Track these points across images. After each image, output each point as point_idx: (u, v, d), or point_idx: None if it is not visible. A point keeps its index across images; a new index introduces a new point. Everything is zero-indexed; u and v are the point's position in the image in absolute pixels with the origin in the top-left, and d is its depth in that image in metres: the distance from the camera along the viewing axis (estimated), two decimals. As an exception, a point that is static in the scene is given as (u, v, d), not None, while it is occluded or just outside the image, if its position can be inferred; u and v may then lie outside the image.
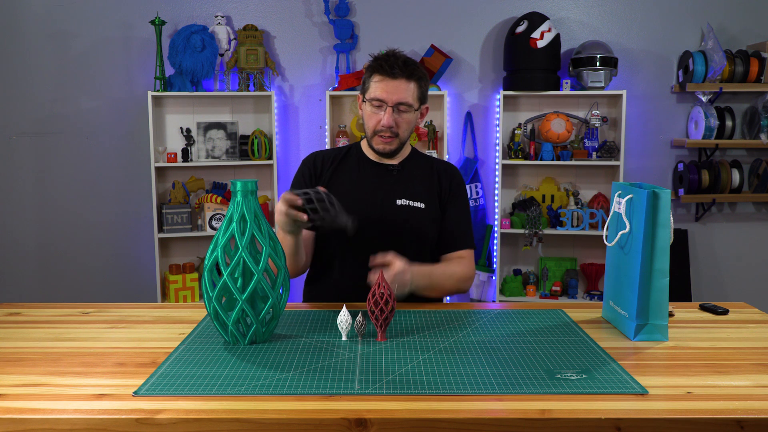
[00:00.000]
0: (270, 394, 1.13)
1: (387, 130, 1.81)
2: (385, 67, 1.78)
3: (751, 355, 1.33)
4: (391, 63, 1.78)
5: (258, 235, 1.37)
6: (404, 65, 1.78)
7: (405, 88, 1.78)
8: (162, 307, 1.71)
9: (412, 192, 1.87)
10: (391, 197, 1.86)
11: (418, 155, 1.97)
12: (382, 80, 1.79)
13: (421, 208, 1.86)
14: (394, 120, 1.79)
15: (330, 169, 1.91)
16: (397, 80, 1.78)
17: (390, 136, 1.82)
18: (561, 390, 1.14)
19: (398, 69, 1.77)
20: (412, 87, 1.80)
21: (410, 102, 1.79)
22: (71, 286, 3.73)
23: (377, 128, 1.82)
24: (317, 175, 1.90)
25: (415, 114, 1.84)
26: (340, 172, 1.90)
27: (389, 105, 1.78)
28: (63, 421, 1.05)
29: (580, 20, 3.71)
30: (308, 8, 3.67)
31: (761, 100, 3.60)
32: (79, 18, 3.59)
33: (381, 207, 1.84)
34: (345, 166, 1.91)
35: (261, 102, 3.69)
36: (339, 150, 1.96)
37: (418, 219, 1.85)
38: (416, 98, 1.82)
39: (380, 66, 1.79)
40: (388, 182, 1.88)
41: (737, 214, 3.83)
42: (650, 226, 1.39)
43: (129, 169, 3.70)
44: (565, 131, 3.61)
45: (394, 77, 1.78)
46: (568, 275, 3.74)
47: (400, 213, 1.84)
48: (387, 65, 1.78)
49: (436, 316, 1.59)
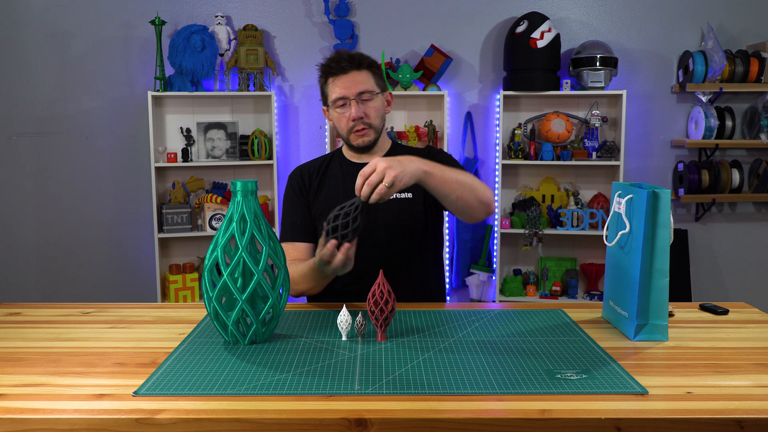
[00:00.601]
0: (270, 394, 1.13)
1: (359, 122, 1.82)
2: (334, 67, 1.82)
3: (751, 355, 1.33)
4: (337, 60, 1.82)
5: (258, 235, 1.37)
6: (350, 58, 1.82)
7: (360, 78, 1.81)
8: (162, 307, 1.71)
9: None
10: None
11: (399, 148, 1.96)
12: (336, 79, 1.82)
13: (409, 198, 1.86)
14: (362, 111, 1.81)
15: (316, 179, 1.92)
16: (349, 73, 1.81)
17: (363, 128, 1.83)
18: (561, 390, 1.14)
19: (345, 62, 1.81)
20: (366, 75, 1.82)
21: (370, 88, 1.82)
22: (71, 286, 3.73)
23: (349, 125, 1.83)
24: (306, 188, 1.92)
25: (380, 100, 1.85)
26: (325, 180, 1.92)
27: (352, 98, 1.81)
28: (63, 421, 1.05)
29: (580, 20, 3.71)
30: (308, 8, 3.67)
31: (761, 100, 3.60)
32: (79, 18, 3.59)
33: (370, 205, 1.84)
34: (329, 174, 1.93)
35: (261, 102, 3.69)
36: (322, 159, 1.98)
37: (409, 209, 1.85)
38: (374, 84, 1.84)
39: (329, 68, 1.84)
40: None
41: (737, 214, 3.83)
42: (650, 226, 1.39)
43: (129, 169, 3.70)
44: (565, 131, 3.61)
45: (345, 72, 1.81)
46: (568, 275, 3.74)
47: (391, 208, 1.84)
48: (334, 64, 1.82)
49: (436, 316, 1.59)
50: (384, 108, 1.89)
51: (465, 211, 1.71)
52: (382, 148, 1.94)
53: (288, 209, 1.93)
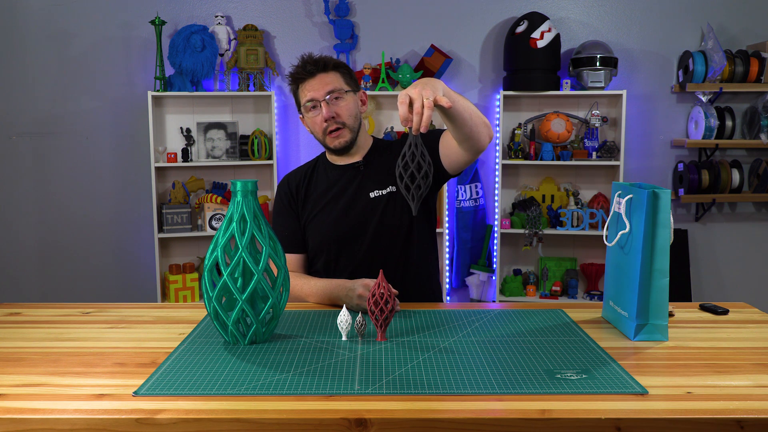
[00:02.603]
0: (270, 394, 1.13)
1: (331, 122, 1.81)
2: (300, 72, 1.83)
3: (751, 355, 1.33)
4: (302, 65, 1.83)
5: (258, 235, 1.37)
6: (315, 61, 1.83)
7: (327, 79, 1.81)
8: (162, 307, 1.71)
9: (381, 181, 1.86)
10: (364, 193, 1.86)
11: (381, 144, 1.96)
12: (304, 83, 1.83)
13: (392, 192, 1.84)
14: (333, 110, 1.81)
15: (303, 187, 1.93)
16: (315, 76, 1.81)
17: (337, 128, 1.82)
18: (561, 390, 1.14)
19: (311, 66, 1.82)
20: (334, 75, 1.82)
21: (339, 87, 1.82)
22: (71, 285, 3.73)
23: (323, 126, 1.82)
24: (294, 196, 1.93)
25: (351, 98, 1.84)
26: (312, 186, 1.92)
27: (321, 99, 1.80)
28: (63, 421, 1.05)
29: (580, 20, 3.71)
30: (308, 8, 3.67)
31: (761, 100, 3.60)
32: (79, 18, 3.59)
33: (357, 206, 1.84)
34: (315, 179, 1.93)
35: (261, 102, 3.69)
36: (307, 166, 1.98)
37: (394, 203, 1.84)
38: (344, 83, 1.84)
39: (296, 74, 1.85)
40: (358, 180, 1.88)
41: (737, 214, 3.83)
42: (650, 226, 1.39)
43: (129, 169, 3.70)
44: (565, 131, 3.61)
45: (312, 75, 1.82)
46: (568, 275, 3.74)
47: (376, 205, 1.83)
48: (300, 69, 1.83)
49: (436, 316, 1.59)
50: (357, 107, 1.87)
51: (473, 134, 1.67)
52: (363, 147, 1.92)
53: (277, 221, 1.94)
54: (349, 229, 1.84)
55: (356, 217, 1.84)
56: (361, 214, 1.83)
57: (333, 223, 1.85)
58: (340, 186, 1.88)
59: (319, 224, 1.87)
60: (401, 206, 1.84)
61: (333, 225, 1.85)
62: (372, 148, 1.93)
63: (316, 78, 1.81)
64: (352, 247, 1.84)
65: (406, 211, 1.84)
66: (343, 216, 1.84)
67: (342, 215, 1.84)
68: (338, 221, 1.84)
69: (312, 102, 1.82)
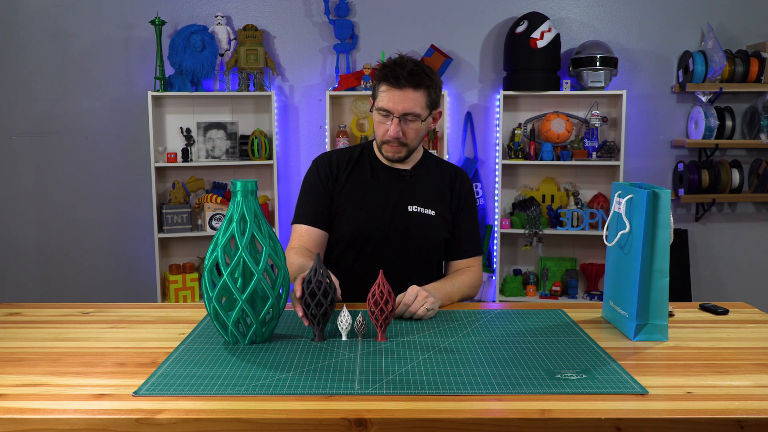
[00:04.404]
0: (270, 394, 1.13)
1: (394, 141, 1.79)
2: (391, 78, 1.73)
3: (751, 355, 1.33)
4: (396, 74, 1.73)
5: (258, 235, 1.37)
6: (410, 75, 1.72)
7: (412, 97, 1.74)
8: (162, 307, 1.71)
9: (423, 198, 1.87)
10: (403, 203, 1.85)
11: (430, 159, 1.95)
12: (389, 90, 1.75)
13: (431, 216, 1.86)
14: (401, 130, 1.77)
15: (345, 172, 1.88)
16: (403, 90, 1.73)
17: (398, 146, 1.80)
18: (561, 390, 1.14)
19: (404, 80, 1.72)
20: (420, 95, 1.75)
21: (418, 112, 1.76)
22: (71, 286, 3.73)
23: (385, 138, 1.80)
24: (333, 178, 1.88)
25: (424, 122, 1.80)
26: (354, 175, 1.89)
27: (395, 116, 1.75)
28: (63, 421, 1.05)
29: (580, 20, 3.71)
30: (308, 8, 3.67)
31: (761, 100, 3.60)
32: (79, 18, 3.59)
33: (392, 213, 1.84)
34: (359, 170, 1.90)
35: (261, 102, 3.69)
36: (351, 151, 1.93)
37: (427, 226, 1.85)
38: (425, 106, 1.77)
39: (386, 76, 1.75)
40: (401, 188, 1.87)
41: (737, 214, 3.83)
42: (650, 226, 1.39)
43: (129, 169, 3.70)
44: (565, 131, 3.61)
45: (400, 87, 1.73)
46: (568, 275, 3.74)
47: (411, 220, 1.84)
48: (392, 76, 1.73)
49: (436, 316, 1.59)
50: (426, 128, 1.84)
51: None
52: (414, 157, 1.91)
53: (310, 193, 1.88)
54: (379, 234, 1.83)
55: (390, 225, 1.83)
56: (397, 223, 1.83)
57: (365, 222, 1.83)
58: (382, 188, 1.87)
59: (352, 218, 1.84)
60: (437, 229, 1.86)
61: (365, 224, 1.83)
62: (422, 160, 1.93)
63: (402, 91, 1.73)
64: (375, 249, 1.84)
65: (440, 235, 1.87)
66: (377, 219, 1.82)
67: (377, 218, 1.83)
68: (371, 222, 1.82)
69: (386, 112, 1.77)
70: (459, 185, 1.92)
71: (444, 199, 1.90)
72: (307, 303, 1.40)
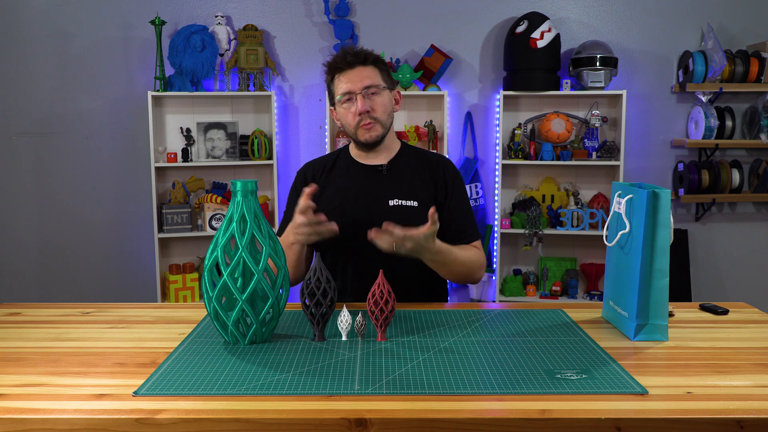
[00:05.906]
0: (270, 394, 1.13)
1: (365, 116, 1.80)
2: (339, 62, 1.83)
3: (751, 355, 1.33)
4: (343, 56, 1.83)
5: (258, 235, 1.37)
6: (355, 53, 1.82)
7: (366, 72, 1.81)
8: (162, 307, 1.71)
9: (404, 191, 1.85)
10: (383, 198, 1.84)
11: (408, 150, 1.95)
12: (342, 74, 1.82)
13: (414, 207, 1.83)
14: (368, 105, 1.80)
15: (321, 177, 1.91)
16: (354, 68, 1.81)
17: (370, 122, 1.81)
18: (561, 390, 1.14)
19: (351, 57, 1.81)
20: (372, 70, 1.82)
21: (377, 83, 1.81)
22: (71, 286, 3.73)
23: (356, 119, 1.82)
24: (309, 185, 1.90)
25: (387, 96, 1.84)
26: (330, 179, 1.91)
27: (358, 92, 1.80)
28: (63, 421, 1.05)
29: (580, 20, 3.71)
30: (308, 8, 3.67)
31: (761, 100, 3.60)
32: (79, 18, 3.59)
33: (372, 209, 1.82)
34: (335, 173, 1.92)
35: (261, 102, 3.69)
36: (329, 156, 1.97)
37: (411, 218, 1.80)
38: (381, 80, 1.84)
39: (335, 64, 1.84)
40: (379, 183, 1.86)
41: (737, 214, 3.83)
42: (650, 226, 1.39)
43: (129, 169, 3.70)
44: (565, 131, 3.61)
45: (351, 66, 1.81)
46: (568, 275, 3.74)
47: (393, 214, 1.80)
48: (340, 59, 1.83)
49: (436, 316, 1.59)
50: (391, 105, 1.87)
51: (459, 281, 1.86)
52: (391, 148, 1.91)
53: (291, 205, 1.92)
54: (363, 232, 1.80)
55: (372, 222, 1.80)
56: (376, 219, 1.80)
57: (348, 223, 1.81)
58: (359, 186, 1.87)
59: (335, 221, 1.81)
60: (421, 221, 1.83)
61: (348, 224, 1.81)
62: (399, 153, 1.92)
63: (354, 70, 1.80)
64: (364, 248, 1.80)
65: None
66: (359, 218, 1.81)
67: (359, 216, 1.81)
68: (354, 222, 1.81)
69: (348, 94, 1.81)
70: (442, 172, 1.90)
71: (427, 189, 1.87)
72: (306, 303, 1.41)
